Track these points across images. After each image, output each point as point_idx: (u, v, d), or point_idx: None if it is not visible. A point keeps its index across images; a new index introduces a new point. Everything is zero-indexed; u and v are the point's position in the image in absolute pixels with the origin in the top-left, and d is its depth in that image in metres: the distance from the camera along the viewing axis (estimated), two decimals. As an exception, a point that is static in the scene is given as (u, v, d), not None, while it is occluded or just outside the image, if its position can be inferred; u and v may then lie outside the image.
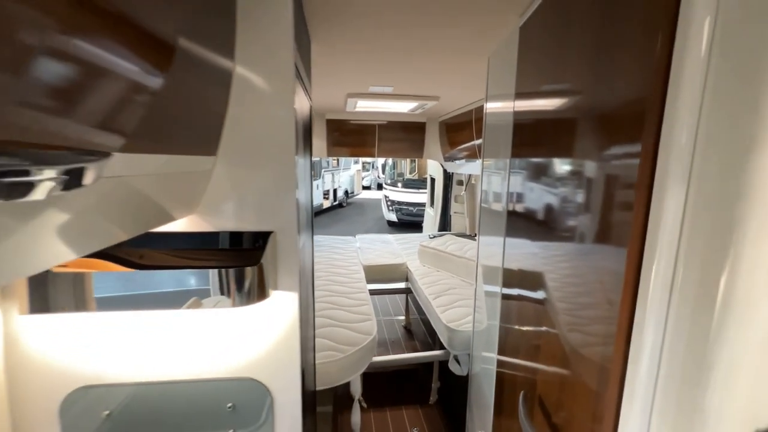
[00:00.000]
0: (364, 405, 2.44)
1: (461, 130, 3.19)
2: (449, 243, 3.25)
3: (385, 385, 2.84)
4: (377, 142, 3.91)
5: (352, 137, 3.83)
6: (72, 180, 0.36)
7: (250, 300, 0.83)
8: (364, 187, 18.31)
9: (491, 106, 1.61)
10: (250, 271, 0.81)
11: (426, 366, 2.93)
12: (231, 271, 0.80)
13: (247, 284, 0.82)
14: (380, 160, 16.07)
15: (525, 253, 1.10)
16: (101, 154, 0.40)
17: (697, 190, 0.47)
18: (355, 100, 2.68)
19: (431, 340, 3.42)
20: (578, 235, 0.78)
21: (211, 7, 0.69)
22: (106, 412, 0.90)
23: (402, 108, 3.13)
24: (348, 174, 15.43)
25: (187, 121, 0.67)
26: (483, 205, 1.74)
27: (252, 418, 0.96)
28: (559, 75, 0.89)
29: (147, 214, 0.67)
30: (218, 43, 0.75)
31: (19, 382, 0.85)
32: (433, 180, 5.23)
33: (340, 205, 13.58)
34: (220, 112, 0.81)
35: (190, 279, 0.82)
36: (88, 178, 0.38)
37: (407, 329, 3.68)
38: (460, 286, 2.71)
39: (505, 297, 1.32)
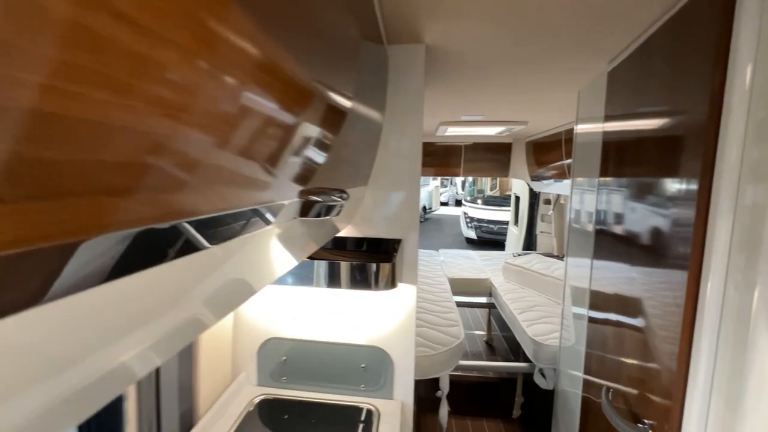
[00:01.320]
0: (449, 408, 2.62)
1: (550, 150, 3.25)
2: (535, 261, 3.28)
3: (468, 395, 2.97)
4: (462, 162, 4.13)
5: (438, 158, 4.13)
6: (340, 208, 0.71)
7: (385, 287, 1.16)
8: (442, 203, 18.37)
9: (582, 130, 1.73)
10: (387, 267, 1.14)
11: (508, 381, 2.98)
12: (374, 265, 1.15)
13: (383, 276, 1.15)
14: (459, 178, 16.05)
15: (619, 278, 1.10)
16: (345, 192, 0.76)
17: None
18: (446, 126, 2.98)
19: (513, 356, 3.44)
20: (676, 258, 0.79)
21: (373, 73, 1.05)
22: (284, 358, 1.31)
23: (489, 131, 3.32)
24: (426, 190, 15.74)
25: (356, 164, 1.04)
26: (573, 225, 1.80)
27: (378, 377, 1.28)
28: (640, 110, 1.05)
29: (329, 229, 1.04)
30: (377, 100, 1.11)
31: (239, 330, 1.31)
32: (517, 198, 5.21)
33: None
34: (374, 154, 1.18)
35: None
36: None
37: (489, 344, 3.75)
38: (546, 304, 2.75)
39: (592, 320, 1.37)
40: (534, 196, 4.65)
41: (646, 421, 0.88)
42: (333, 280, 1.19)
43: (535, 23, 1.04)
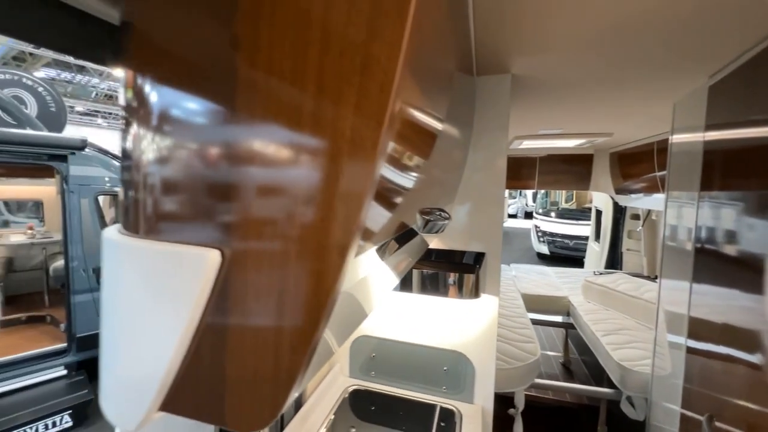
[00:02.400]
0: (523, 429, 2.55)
1: (639, 162, 3.02)
2: (621, 281, 3.05)
3: (544, 419, 2.84)
4: (537, 175, 4.00)
5: (509, 170, 4.04)
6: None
7: (469, 296, 1.26)
8: (510, 215, 17.55)
9: (679, 140, 1.62)
10: (471, 277, 1.24)
11: (589, 408, 2.80)
12: (460, 275, 1.25)
13: (468, 286, 1.25)
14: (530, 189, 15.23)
15: (729, 305, 1.00)
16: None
17: None
18: (521, 140, 2.96)
19: (594, 382, 3.20)
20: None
21: (462, 102, 1.17)
22: (373, 354, 1.48)
23: (568, 144, 3.21)
24: (494, 201, 15.15)
25: (444, 184, 1.16)
26: (668, 243, 1.67)
27: (459, 381, 1.37)
28: (756, 117, 0.98)
29: (423, 245, 1.17)
30: (464, 125, 1.23)
31: (336, 325, 1.51)
32: (598, 212, 4.85)
33: (485, 233, 13.43)
34: (460, 174, 1.30)
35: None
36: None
37: (566, 367, 3.54)
38: (634, 328, 2.55)
39: (692, 351, 1.27)
40: (619, 211, 4.29)
41: None
42: (422, 287, 1.33)
43: (629, 48, 1.07)
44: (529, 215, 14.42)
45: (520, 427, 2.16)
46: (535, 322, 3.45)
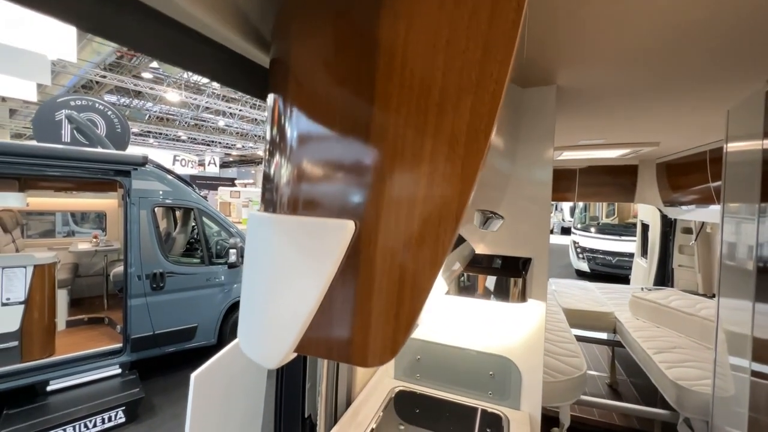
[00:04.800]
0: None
1: (689, 172, 2.89)
2: (673, 297, 2.88)
3: None
4: (577, 187, 3.89)
5: None
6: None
7: (516, 300, 1.28)
8: (546, 231, 16.87)
9: (734, 148, 1.56)
10: (518, 281, 1.26)
11: (641, 433, 2.62)
12: (507, 279, 1.28)
13: (515, 290, 1.27)
14: (567, 203, 14.68)
15: None
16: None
17: None
18: (561, 151, 2.93)
19: (646, 404, 2.99)
20: None
21: (505, 129, 1.22)
22: (418, 357, 1.51)
23: (611, 154, 3.13)
24: (528, 217, 14.70)
25: (494, 189, 1.21)
26: (726, 261, 1.57)
27: (505, 386, 1.37)
28: None
29: (468, 252, 1.21)
30: (512, 134, 1.27)
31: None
32: (645, 226, 4.61)
33: (519, 249, 13.03)
34: (506, 181, 1.34)
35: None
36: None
37: (613, 388, 3.33)
38: (690, 346, 2.39)
39: (758, 374, 1.21)
40: (668, 224, 4.07)
41: None
42: (469, 290, 1.36)
43: (677, 59, 1.08)
44: (566, 231, 13.88)
45: (567, 445, 2.07)
46: (578, 338, 3.31)
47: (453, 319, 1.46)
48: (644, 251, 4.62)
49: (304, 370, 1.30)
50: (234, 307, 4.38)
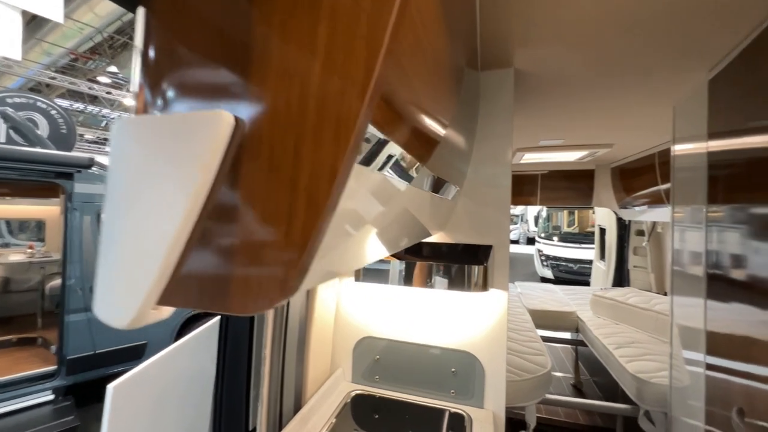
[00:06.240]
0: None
1: (640, 175, 3.03)
2: (630, 295, 2.97)
3: None
4: (539, 191, 4.02)
5: (512, 187, 4.06)
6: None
7: (476, 289, 1.22)
8: (512, 241, 17.44)
9: (681, 151, 1.63)
10: (480, 269, 1.21)
11: (604, 431, 2.63)
12: (467, 267, 1.22)
13: (476, 278, 1.21)
14: (531, 214, 15.28)
15: (748, 321, 0.98)
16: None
17: None
18: (523, 153, 2.99)
19: (608, 401, 3.04)
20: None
21: (463, 112, 1.19)
22: (377, 357, 1.41)
23: (569, 157, 3.24)
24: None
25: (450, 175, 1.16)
26: (675, 267, 1.62)
27: (468, 384, 1.29)
28: (757, 118, 1.01)
29: (420, 230, 1.15)
30: (466, 133, 1.25)
31: (338, 326, 1.46)
32: (602, 230, 4.81)
33: (487, 258, 13.30)
34: (467, 163, 1.29)
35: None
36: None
37: (577, 388, 3.36)
38: (647, 341, 2.45)
39: (712, 367, 1.22)
40: (623, 227, 4.26)
41: None
42: (429, 280, 1.29)
43: (627, 41, 1.10)
44: (531, 241, 14.36)
45: (533, 446, 2.02)
46: (544, 339, 3.34)
47: (413, 315, 1.38)
48: (602, 255, 4.81)
49: (248, 376, 1.16)
50: (191, 320, 4.07)
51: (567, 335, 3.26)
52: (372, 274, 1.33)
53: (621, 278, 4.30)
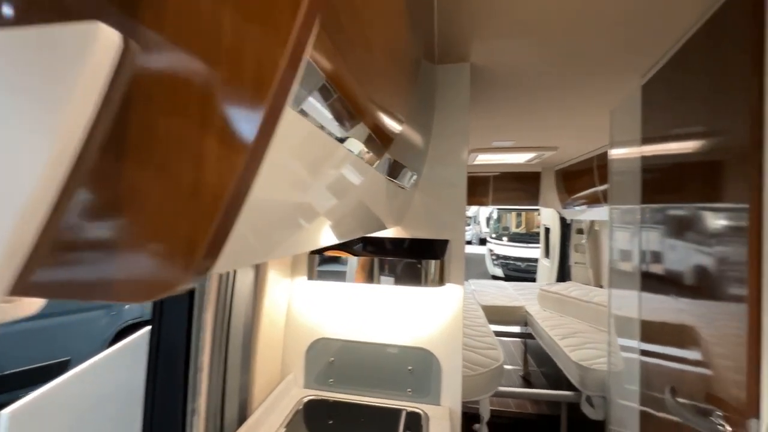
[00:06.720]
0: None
1: (580, 177, 3.27)
2: (572, 288, 3.18)
3: None
4: (491, 192, 4.19)
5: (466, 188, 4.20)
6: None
7: (433, 284, 1.20)
8: (466, 242, 18.07)
9: (617, 155, 1.75)
10: (437, 264, 1.19)
11: (549, 418, 2.78)
12: (424, 261, 1.19)
13: (432, 273, 1.19)
14: (483, 215, 15.99)
15: (669, 308, 1.08)
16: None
17: None
18: (477, 154, 3.09)
19: (554, 389, 3.23)
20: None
21: (420, 104, 1.17)
22: (331, 359, 1.34)
23: (519, 159, 3.41)
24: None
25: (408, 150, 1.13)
26: (614, 259, 1.73)
27: (425, 381, 1.27)
28: (681, 125, 1.10)
29: (373, 220, 1.11)
30: (423, 125, 1.22)
31: (289, 328, 1.36)
32: (547, 230, 5.13)
33: (442, 258, 13.66)
34: (424, 155, 1.27)
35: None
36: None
37: (525, 379, 3.54)
38: (588, 330, 2.63)
39: (645, 353, 1.31)
40: (566, 227, 4.58)
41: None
42: (386, 277, 1.24)
43: (573, 36, 1.14)
44: (483, 242, 15.01)
45: (487, 439, 2.06)
46: (496, 333, 3.47)
47: (369, 313, 1.33)
48: (547, 252, 5.12)
49: (185, 386, 1.03)
50: (125, 332, 3.67)
51: (517, 329, 3.42)
52: (327, 272, 1.25)
53: (564, 274, 4.61)
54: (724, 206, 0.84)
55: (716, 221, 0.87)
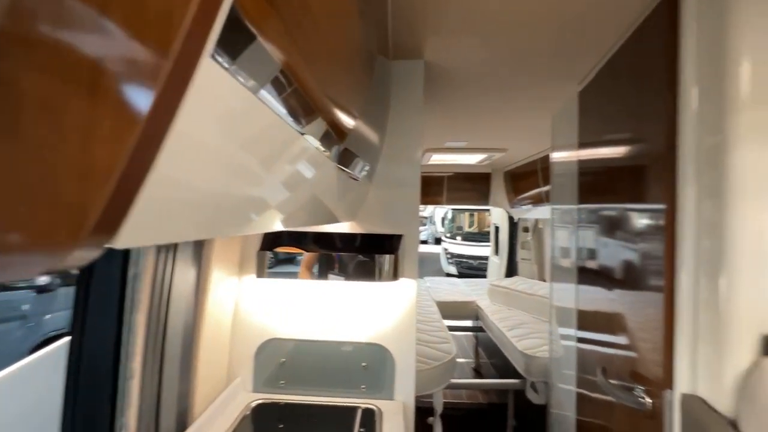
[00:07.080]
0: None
1: (526, 178, 3.48)
2: (519, 283, 3.38)
3: (459, 424, 2.87)
4: (445, 192, 4.33)
5: (421, 188, 4.29)
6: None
7: (387, 279, 1.20)
8: (421, 242, 18.51)
9: (557, 158, 1.89)
10: (390, 258, 1.19)
11: (498, 407, 2.92)
12: (378, 256, 1.19)
13: (386, 267, 1.19)
14: (438, 216, 16.47)
15: (601, 298, 1.20)
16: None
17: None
18: (431, 154, 3.16)
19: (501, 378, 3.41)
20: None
21: (375, 99, 1.17)
22: (282, 360, 1.28)
23: (471, 160, 3.54)
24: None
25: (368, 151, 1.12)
26: (555, 257, 1.86)
27: (379, 376, 1.26)
28: (612, 131, 1.20)
29: (323, 212, 1.07)
30: (378, 120, 1.22)
31: (237, 329, 1.28)
32: (497, 228, 5.40)
33: (399, 257, 13.84)
34: (378, 150, 1.26)
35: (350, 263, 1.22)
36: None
37: (476, 371, 3.69)
38: (532, 321, 2.81)
39: (581, 340, 1.42)
40: (513, 225, 4.85)
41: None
42: (339, 272, 1.22)
43: (515, 39, 1.20)
44: (438, 241, 15.44)
45: (440, 429, 2.11)
46: (449, 328, 3.57)
47: (322, 310, 1.30)
48: (497, 250, 5.40)
49: (112, 398, 0.92)
50: (45, 344, 3.24)
51: (469, 323, 3.56)
52: (278, 270, 1.20)
53: (512, 269, 4.88)
54: (646, 207, 0.93)
55: (640, 220, 0.96)
